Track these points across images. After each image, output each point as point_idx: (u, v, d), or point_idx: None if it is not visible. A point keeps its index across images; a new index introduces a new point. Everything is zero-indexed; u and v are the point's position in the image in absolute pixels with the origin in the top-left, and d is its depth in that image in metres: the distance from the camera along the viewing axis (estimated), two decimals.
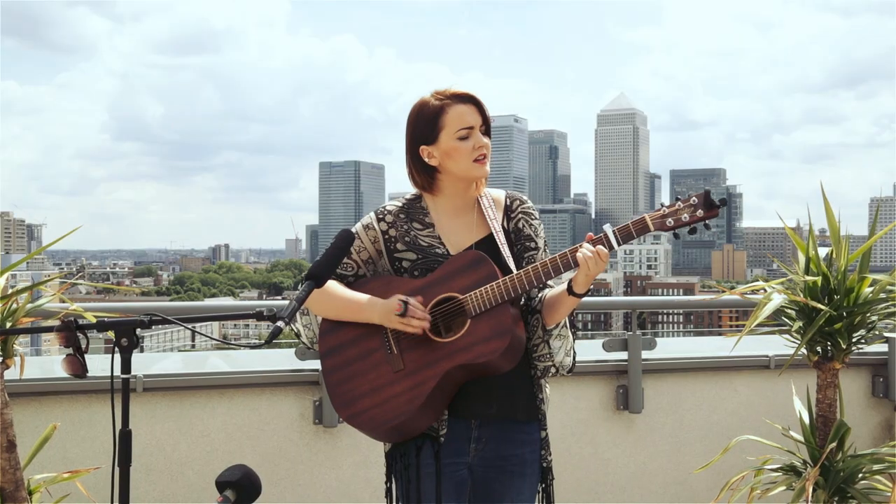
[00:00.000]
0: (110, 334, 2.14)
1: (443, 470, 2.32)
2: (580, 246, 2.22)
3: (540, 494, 2.44)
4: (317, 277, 2.20)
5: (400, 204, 2.45)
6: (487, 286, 2.23)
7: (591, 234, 2.23)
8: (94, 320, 2.23)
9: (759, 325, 2.99)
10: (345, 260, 2.39)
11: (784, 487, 3.05)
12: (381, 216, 2.43)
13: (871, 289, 3.03)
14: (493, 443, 2.35)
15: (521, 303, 2.38)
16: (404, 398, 2.26)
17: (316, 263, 2.22)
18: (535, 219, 2.46)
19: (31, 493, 2.72)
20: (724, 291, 3.45)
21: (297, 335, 2.55)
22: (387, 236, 2.40)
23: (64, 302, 3.14)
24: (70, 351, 2.13)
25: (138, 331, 2.11)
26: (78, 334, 2.12)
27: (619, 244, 2.19)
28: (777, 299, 2.97)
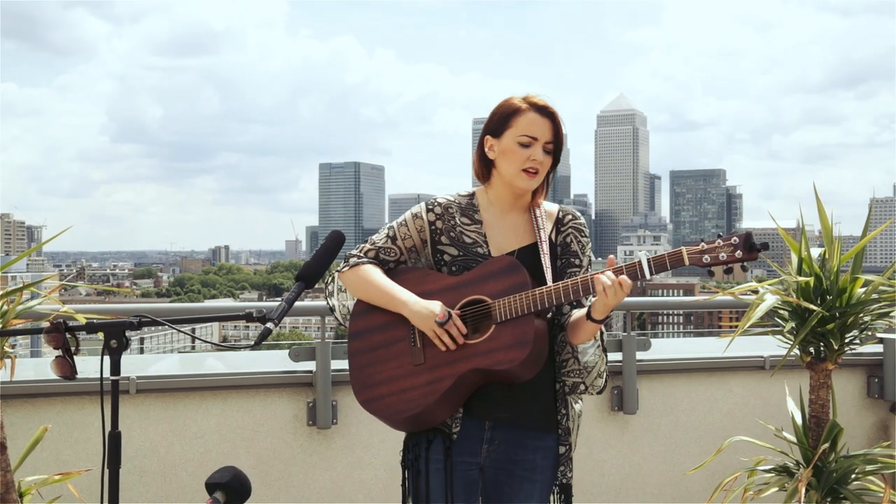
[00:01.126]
0: (100, 336, 2.15)
1: (455, 468, 2.33)
2: (604, 274, 2.19)
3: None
4: (307, 279, 2.21)
5: (452, 198, 2.47)
6: (516, 295, 2.24)
7: (612, 257, 2.24)
8: (84, 322, 2.22)
9: (753, 325, 2.99)
10: (389, 245, 2.44)
11: (777, 488, 3.04)
12: (431, 206, 2.45)
13: (863, 289, 3.02)
14: (504, 445, 2.35)
15: (551, 317, 2.38)
16: (420, 392, 2.29)
17: (307, 265, 2.23)
18: (585, 236, 2.47)
19: (21, 496, 2.72)
20: (717, 292, 3.44)
21: (332, 309, 2.56)
22: (433, 227, 2.43)
23: (57, 304, 3.14)
24: (59, 353, 2.13)
25: (128, 332, 2.12)
26: (67, 336, 2.12)
27: (651, 274, 2.17)
28: (770, 300, 2.97)
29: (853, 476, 3.02)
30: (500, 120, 2.38)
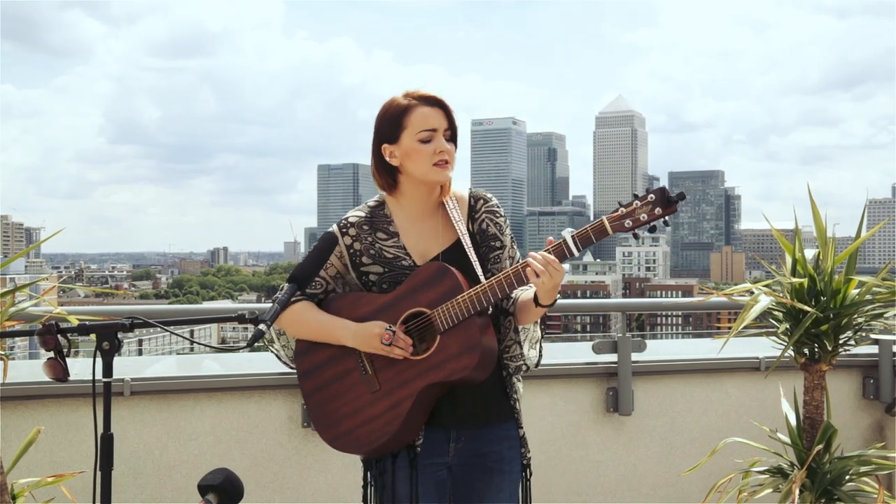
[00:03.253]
0: (92, 337, 2.14)
1: (422, 470, 2.32)
2: (532, 258, 2.18)
3: (522, 492, 2.43)
4: (299, 280, 2.20)
5: (363, 214, 2.41)
6: (452, 301, 2.21)
7: (551, 238, 2.20)
8: (77, 323, 2.22)
9: (748, 327, 2.99)
10: (314, 278, 2.34)
11: (771, 489, 3.04)
12: (344, 230, 2.38)
13: (857, 290, 3.02)
14: (471, 441, 2.36)
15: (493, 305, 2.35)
16: (383, 420, 2.27)
17: (299, 266, 2.22)
18: (500, 216, 2.43)
19: (14, 498, 2.71)
20: (711, 293, 3.44)
21: (277, 356, 2.55)
22: (351, 250, 2.37)
23: (51, 305, 3.14)
24: (51, 355, 2.13)
25: (120, 334, 2.11)
26: (59, 338, 2.12)
27: (578, 250, 2.15)
28: (764, 301, 2.97)
29: (847, 477, 3.02)
30: (392, 124, 2.33)
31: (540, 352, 2.46)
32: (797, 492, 2.85)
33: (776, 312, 3.09)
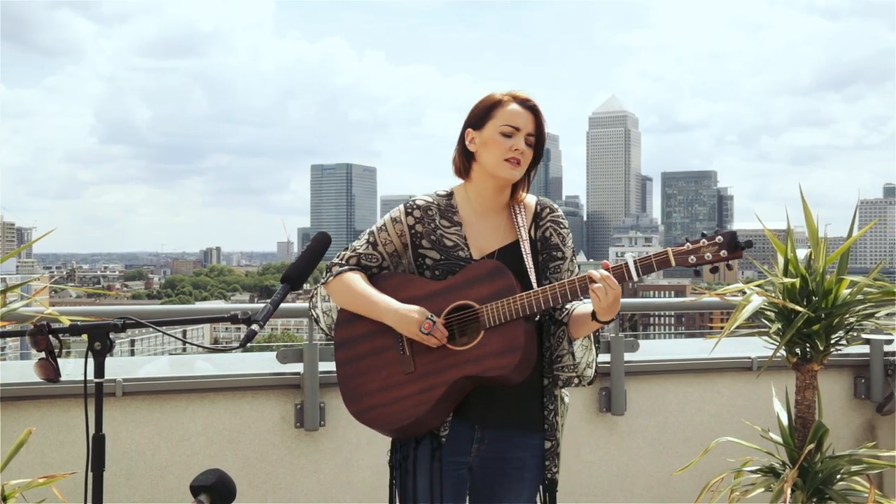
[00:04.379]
0: (84, 338, 2.14)
1: (443, 469, 2.32)
2: (593, 273, 2.21)
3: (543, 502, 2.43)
4: (293, 280, 2.20)
5: (431, 199, 2.43)
6: (504, 300, 2.24)
7: (606, 262, 2.24)
8: (68, 324, 2.22)
9: (740, 327, 3.00)
10: (371, 252, 2.41)
11: (763, 489, 3.05)
12: (409, 210, 2.41)
13: (848, 290, 3.04)
14: (495, 444, 2.36)
15: (545, 315, 2.38)
16: (412, 401, 2.28)
17: (292, 266, 2.23)
18: (564, 227, 2.46)
19: (5, 499, 2.70)
20: (704, 293, 3.45)
21: (316, 320, 2.54)
22: (413, 231, 2.40)
23: (42, 306, 3.13)
24: (42, 355, 2.12)
25: (112, 335, 2.11)
26: (51, 338, 2.11)
27: (639, 276, 2.19)
28: (756, 301, 2.98)
29: (838, 476, 3.04)
30: (482, 112, 2.37)
31: (595, 371, 2.45)
32: (789, 491, 2.86)
33: (768, 312, 3.10)
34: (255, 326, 2.07)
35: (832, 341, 3.07)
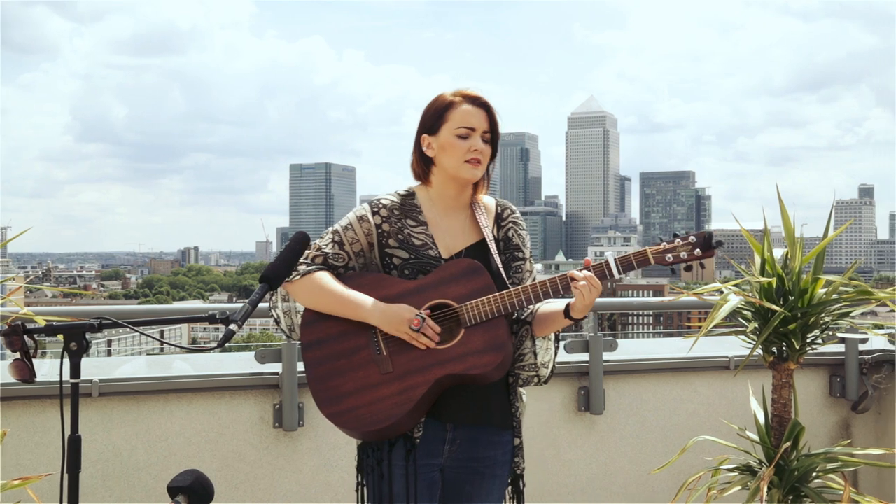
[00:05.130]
0: (60, 338, 2.12)
1: (418, 471, 2.32)
2: (575, 273, 2.27)
3: (513, 501, 2.46)
4: (271, 280, 2.18)
5: (394, 199, 2.43)
6: (486, 298, 2.25)
7: (589, 259, 2.29)
8: (43, 324, 2.19)
9: (718, 326, 3.02)
10: (337, 251, 2.37)
11: (740, 487, 3.07)
12: (376, 209, 2.40)
13: (824, 290, 3.06)
14: (466, 444, 2.37)
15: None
16: (392, 402, 2.26)
17: (270, 266, 2.21)
18: (523, 229, 2.50)
19: None
20: (682, 293, 3.47)
21: (277, 321, 2.51)
22: (380, 230, 2.38)
23: (17, 306, 3.09)
24: (17, 356, 2.10)
25: (88, 335, 2.09)
26: (25, 338, 2.09)
27: (619, 273, 2.26)
28: (733, 301, 3.00)
29: (814, 474, 3.06)
30: (435, 116, 2.38)
31: (552, 370, 2.49)
32: (765, 489, 2.88)
33: (745, 312, 3.12)
34: (233, 326, 2.05)
35: (808, 340, 3.10)
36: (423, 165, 2.42)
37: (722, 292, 3.11)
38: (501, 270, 2.37)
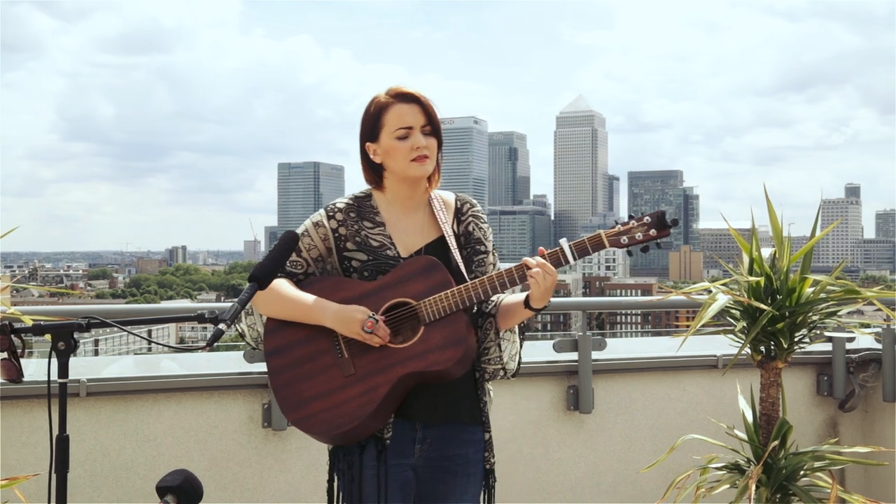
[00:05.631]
0: (48, 338, 2.11)
1: (389, 471, 2.31)
2: (529, 260, 2.25)
3: (483, 495, 2.46)
4: (260, 279, 2.17)
5: (350, 201, 2.43)
6: (443, 294, 2.25)
7: (542, 248, 2.26)
8: (31, 323, 2.18)
9: (706, 325, 3.03)
10: (294, 258, 2.38)
11: (728, 485, 3.08)
12: (331, 213, 2.40)
13: (812, 289, 3.08)
14: (437, 443, 2.36)
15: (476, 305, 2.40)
16: (356, 403, 2.26)
17: (259, 265, 2.20)
18: (484, 222, 2.49)
19: None
20: (671, 292, 3.48)
21: (241, 335, 2.52)
22: (337, 234, 2.38)
23: (3, 305, 3.08)
24: (4, 355, 2.09)
25: (76, 334, 2.08)
26: (13, 338, 2.08)
27: (574, 259, 2.23)
28: (722, 300, 3.01)
29: (802, 473, 3.07)
30: (372, 123, 2.38)
31: (519, 363, 2.48)
32: (753, 487, 2.89)
33: (733, 311, 3.13)
34: (222, 325, 2.04)
35: (796, 339, 3.11)
36: (372, 172, 2.42)
37: (710, 291, 3.12)
38: (461, 265, 2.36)
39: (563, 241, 2.23)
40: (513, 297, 2.39)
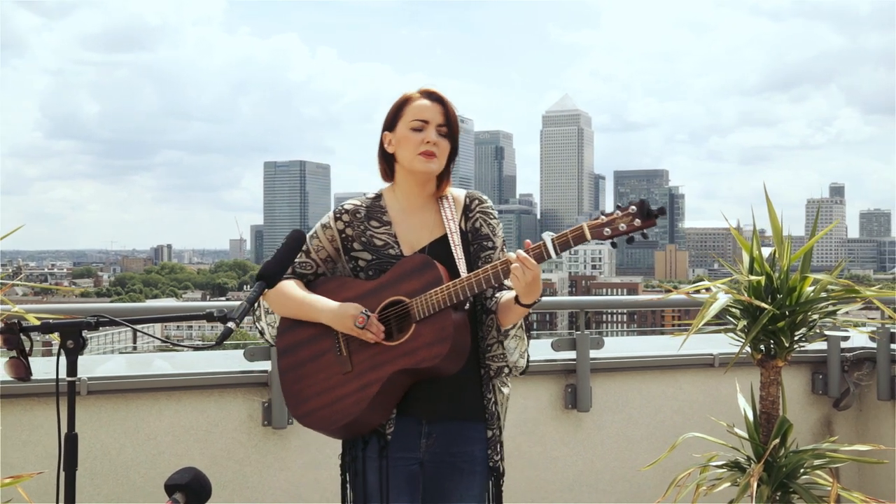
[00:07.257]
0: (54, 337, 2.10)
1: (394, 464, 2.35)
2: (510, 255, 2.25)
3: (489, 494, 2.46)
4: (268, 277, 2.18)
5: (359, 203, 2.48)
6: (432, 291, 2.27)
7: (528, 241, 2.25)
8: (37, 322, 2.17)
9: (706, 323, 3.04)
10: (304, 259, 2.44)
11: (729, 483, 3.10)
12: (338, 215, 2.46)
13: (812, 288, 3.10)
14: (442, 439, 2.38)
15: (475, 303, 2.41)
16: (351, 400, 2.31)
17: (266, 263, 2.21)
18: (494, 218, 2.50)
19: None
20: (669, 291, 3.50)
21: (262, 333, 2.58)
22: (343, 235, 2.44)
23: (7, 304, 3.06)
24: (13, 354, 2.08)
25: (84, 332, 2.07)
26: (21, 337, 2.07)
27: (557, 253, 2.21)
28: (723, 299, 3.03)
29: (802, 470, 3.10)
30: (393, 113, 2.43)
31: (528, 360, 2.49)
32: (755, 485, 2.92)
33: (734, 309, 3.15)
34: (231, 324, 2.05)
35: (796, 338, 3.13)
36: (386, 163, 2.47)
37: (710, 290, 3.14)
38: (462, 262, 2.37)
39: (546, 236, 2.22)
40: (510, 293, 2.39)
